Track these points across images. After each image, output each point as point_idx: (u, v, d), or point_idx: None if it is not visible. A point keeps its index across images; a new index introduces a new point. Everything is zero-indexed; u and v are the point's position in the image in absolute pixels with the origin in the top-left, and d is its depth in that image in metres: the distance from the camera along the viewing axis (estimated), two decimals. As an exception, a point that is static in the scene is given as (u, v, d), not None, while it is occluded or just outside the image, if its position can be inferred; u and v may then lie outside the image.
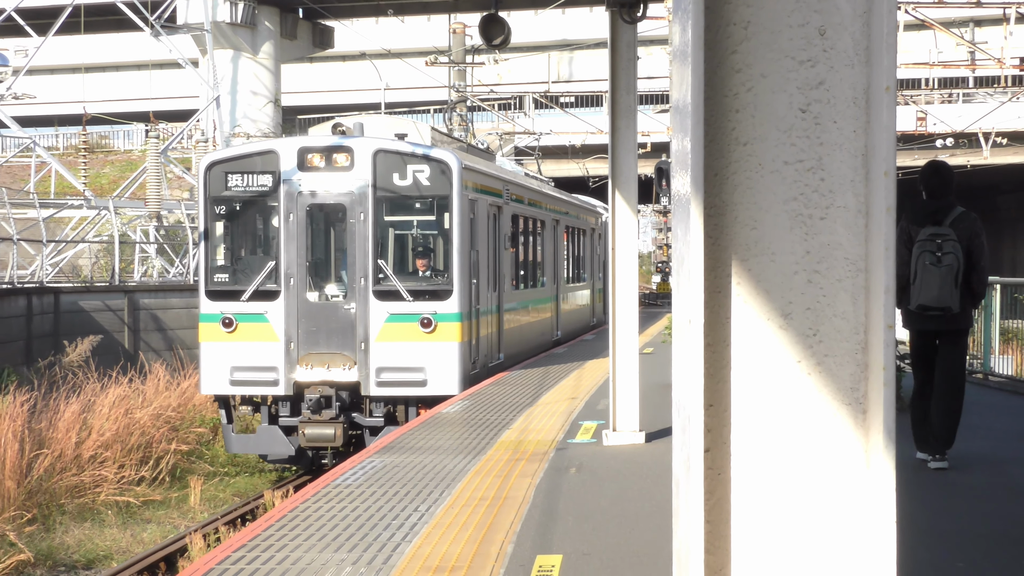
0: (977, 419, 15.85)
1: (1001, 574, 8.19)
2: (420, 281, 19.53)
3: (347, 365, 19.02)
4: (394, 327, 18.97)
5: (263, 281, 19.20)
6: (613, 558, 8.81)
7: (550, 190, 33.86)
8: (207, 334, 19.57)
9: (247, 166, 19.54)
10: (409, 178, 19.24)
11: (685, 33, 2.90)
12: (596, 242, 39.41)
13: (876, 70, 2.89)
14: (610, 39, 13.95)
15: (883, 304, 2.88)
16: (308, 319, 19.14)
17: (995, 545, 9.01)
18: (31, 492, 18.19)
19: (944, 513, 9.96)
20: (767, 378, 2.90)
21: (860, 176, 2.90)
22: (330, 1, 48.30)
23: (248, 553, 9.21)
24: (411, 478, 12.20)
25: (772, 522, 2.90)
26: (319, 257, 20.01)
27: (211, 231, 19.88)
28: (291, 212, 19.20)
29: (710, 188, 2.88)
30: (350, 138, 19.77)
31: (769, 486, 2.90)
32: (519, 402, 18.22)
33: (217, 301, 19.42)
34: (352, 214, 19.24)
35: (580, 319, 35.90)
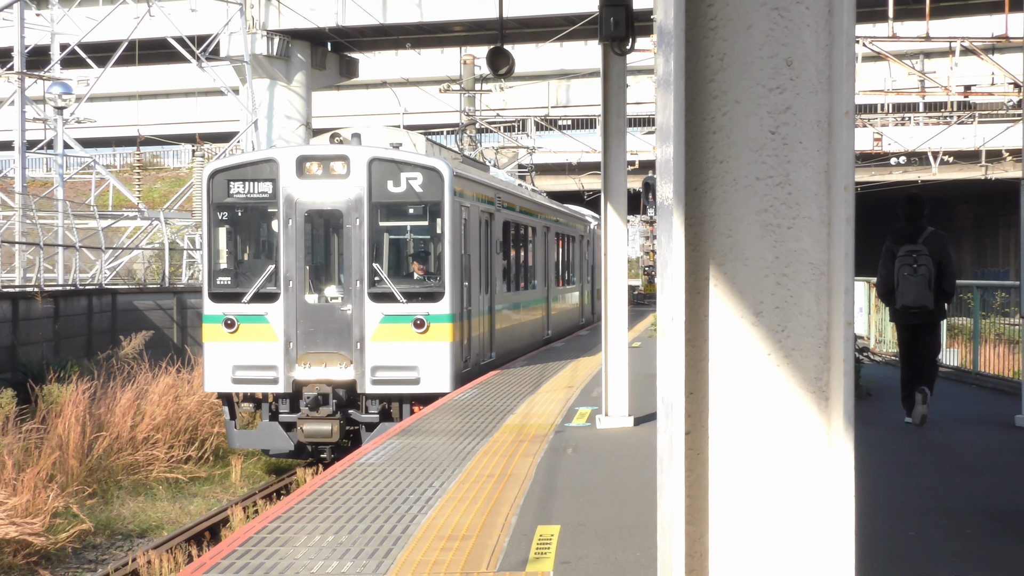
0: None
1: (945, 541, 8.18)
2: (413, 283, 18.58)
3: (344, 364, 18.03)
4: (388, 328, 18.04)
5: (263, 284, 18.27)
6: (605, 528, 8.81)
7: (541, 199, 32.80)
8: (210, 334, 18.56)
9: (248, 174, 18.58)
10: (403, 185, 18.30)
11: (668, 64, 2.90)
12: (585, 248, 38.43)
13: (837, 96, 2.89)
14: (602, 69, 13.95)
15: (843, 304, 2.88)
16: (306, 320, 18.20)
17: (940, 516, 9.01)
18: (92, 470, 18.21)
19: (896, 488, 9.96)
20: (741, 369, 2.90)
21: (823, 190, 2.90)
22: (355, 36, 48.28)
23: (283, 523, 9.21)
24: (426, 457, 12.20)
25: (745, 497, 2.89)
26: (317, 261, 19.06)
27: (214, 236, 18.86)
28: (290, 218, 18.22)
29: (690, 201, 2.88)
30: (346, 147, 18.81)
31: (743, 465, 2.89)
32: (521, 391, 18.23)
33: (220, 303, 18.45)
34: (348, 220, 18.23)
35: (570, 319, 34.92)
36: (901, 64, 38.46)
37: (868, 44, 34.99)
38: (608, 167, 13.98)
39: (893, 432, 13.25)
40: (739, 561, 2.90)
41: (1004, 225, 66.91)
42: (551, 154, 58.57)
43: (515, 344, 25.11)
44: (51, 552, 14.90)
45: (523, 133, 59.05)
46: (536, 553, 8.06)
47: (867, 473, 3.01)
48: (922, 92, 42.40)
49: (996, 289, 20.43)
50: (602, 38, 13.64)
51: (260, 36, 44.56)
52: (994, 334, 18.70)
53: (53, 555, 14.92)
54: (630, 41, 13.54)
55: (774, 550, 2.89)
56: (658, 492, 2.99)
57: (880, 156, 51.92)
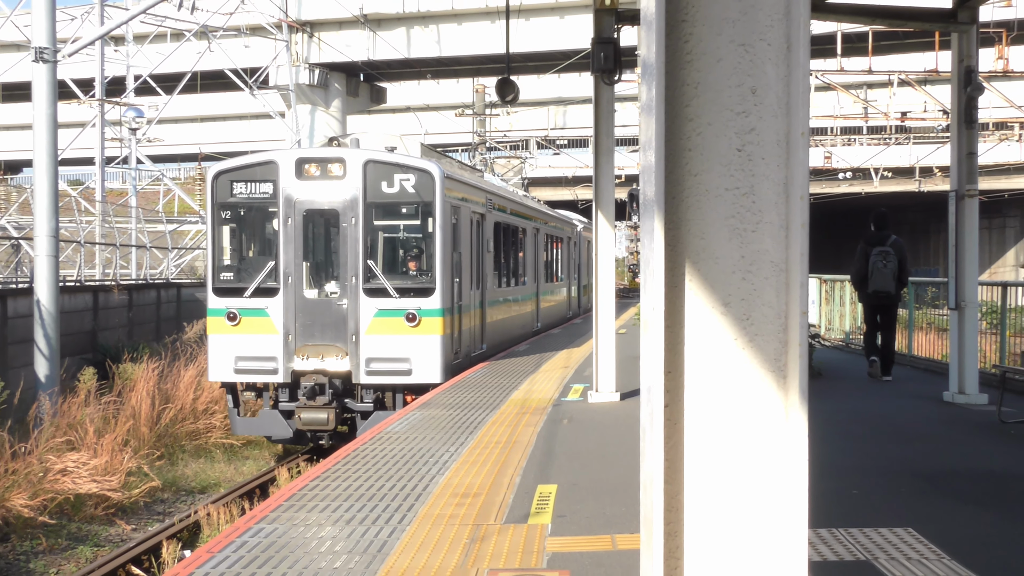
0: (867, 382, 15.84)
1: (883, 497, 8.19)
2: (406, 279, 16.97)
3: (340, 356, 16.62)
4: (382, 321, 16.63)
5: (264, 279, 16.80)
6: (595, 487, 8.81)
7: (531, 203, 30.98)
8: (214, 327, 17.08)
9: (250, 175, 17.10)
10: (396, 186, 16.81)
11: (651, 91, 2.89)
12: (572, 248, 36.67)
13: (794, 120, 2.89)
14: (594, 97, 13.95)
15: (799, 296, 2.88)
16: (304, 314, 16.77)
17: (880, 477, 9.01)
18: (160, 436, 18.24)
19: (844, 453, 9.96)
20: (712, 351, 2.90)
21: (782, 200, 2.89)
22: (384, 68, 48.28)
23: (321, 482, 9.22)
24: (443, 426, 12.21)
25: (714, 460, 2.89)
26: (315, 258, 17.36)
27: (218, 234, 17.36)
28: (289, 217, 16.80)
29: (669, 208, 2.88)
30: (342, 150, 17.38)
31: (713, 433, 2.89)
32: (524, 371, 18.23)
33: (223, 297, 16.99)
34: (344, 218, 16.77)
35: (558, 312, 33.32)
36: (848, 93, 38.45)
37: (820, 76, 34.97)
38: (599, 180, 13.98)
39: (841, 406, 13.26)
40: (710, 514, 2.90)
41: (935, 231, 66.90)
42: (550, 169, 58.61)
43: (506, 335, 23.77)
44: (126, 505, 14.93)
45: (526, 151, 59.02)
46: (537, 508, 8.07)
47: (818, 440, 3.01)
48: (865, 117, 42.36)
49: (928, 285, 20.52)
50: (594, 70, 13.64)
51: (303, 68, 44.61)
52: (926, 323, 18.74)
53: (128, 508, 14.95)
54: (618, 73, 13.55)
55: (739, 505, 2.89)
56: (641, 456, 2.99)
57: (830, 171, 51.91)
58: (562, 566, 6.48)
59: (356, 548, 7.01)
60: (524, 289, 26.61)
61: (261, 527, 7.65)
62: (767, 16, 2.88)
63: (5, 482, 13.68)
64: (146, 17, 33.76)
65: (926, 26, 18.74)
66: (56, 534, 13.49)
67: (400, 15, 47.04)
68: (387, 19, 47.08)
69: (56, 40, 18.98)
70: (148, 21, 36.32)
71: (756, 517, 2.89)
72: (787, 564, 2.88)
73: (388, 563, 6.65)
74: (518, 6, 42.52)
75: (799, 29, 2.87)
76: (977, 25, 13.62)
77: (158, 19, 36.24)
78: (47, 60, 18.59)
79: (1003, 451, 10.40)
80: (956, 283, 13.45)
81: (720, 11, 2.87)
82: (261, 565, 6.66)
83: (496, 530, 7.42)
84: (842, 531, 7.05)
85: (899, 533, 7.02)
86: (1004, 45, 34.04)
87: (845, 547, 6.70)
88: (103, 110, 35.49)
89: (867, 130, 53.61)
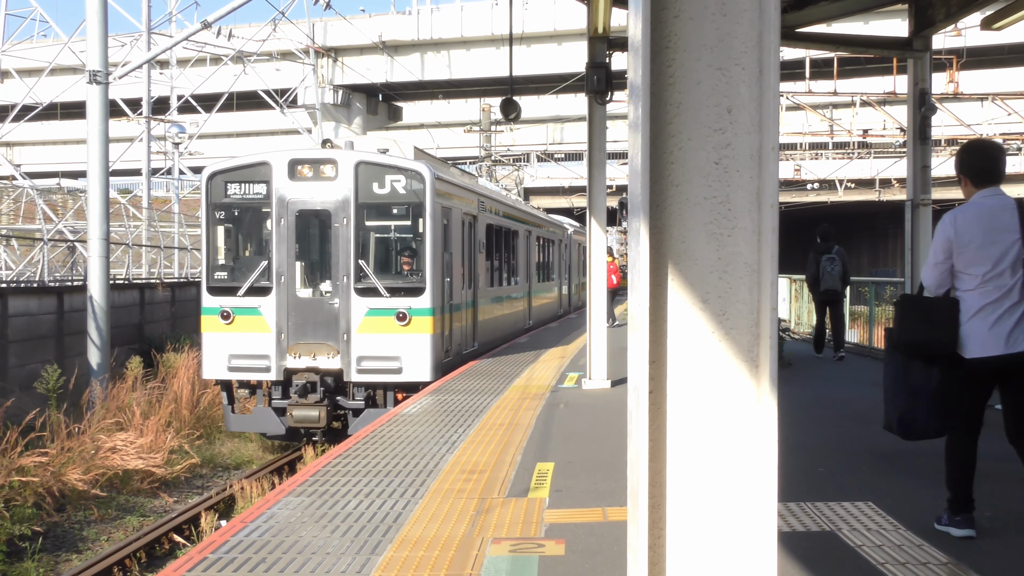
0: (831, 370, 15.83)
1: (846, 474, 8.18)
2: (396, 279, 15.64)
3: (331, 354, 15.33)
4: (373, 320, 15.35)
5: (257, 278, 15.53)
6: (588, 464, 8.81)
7: (524, 207, 29.43)
8: (208, 325, 15.74)
9: (244, 176, 15.77)
10: (387, 187, 15.52)
11: (637, 111, 2.89)
12: (563, 250, 35.10)
13: (766, 136, 2.88)
14: (588, 115, 13.94)
15: (770, 294, 2.87)
16: (297, 313, 15.47)
17: (843, 456, 9.00)
18: (199, 418, 18.26)
19: (810, 434, 9.95)
20: (691, 343, 2.89)
21: (755, 207, 2.89)
22: (400, 90, 48.30)
23: (343, 459, 9.23)
24: (452, 410, 12.20)
25: (693, 441, 2.89)
26: (307, 257, 15.94)
27: (212, 234, 16.09)
28: (282, 217, 15.53)
29: (654, 215, 2.87)
30: (334, 151, 15.93)
31: (692, 416, 2.89)
32: (524, 361, 18.23)
33: (217, 296, 15.68)
34: (336, 219, 15.48)
35: (550, 310, 31.73)
36: (815, 112, 38.47)
37: (790, 97, 34.98)
38: (592, 189, 13.98)
39: (808, 392, 13.25)
40: (689, 489, 2.89)
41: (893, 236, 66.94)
42: (548, 179, 58.65)
43: (499, 333, 22.30)
44: (168, 480, 14.95)
45: (527, 163, 59.04)
46: (536, 483, 8.07)
47: (787, 423, 3.01)
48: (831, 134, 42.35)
49: (887, 284, 20.61)
50: (588, 91, 13.64)
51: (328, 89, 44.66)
52: (885, 318, 18.70)
53: (170, 482, 14.97)
54: (609, 94, 13.55)
55: (716, 480, 2.89)
56: (628, 437, 2.99)
57: (799, 182, 51.93)
58: (559, 535, 6.48)
59: (374, 518, 7.01)
60: (516, 288, 25.33)
61: (289, 500, 7.66)
62: (741, 43, 2.87)
63: (61, 459, 13.70)
64: (188, 43, 33.75)
65: (885, 53, 18.73)
66: (107, 505, 13.50)
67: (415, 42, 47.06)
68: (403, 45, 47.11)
69: (108, 64, 18.99)
70: (190, 47, 36.31)
71: (731, 491, 2.89)
72: (758, 533, 2.88)
73: (403, 532, 6.65)
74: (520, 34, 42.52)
75: (770, 55, 2.87)
76: (930, 52, 13.62)
77: (199, 45, 36.24)
78: (100, 82, 18.60)
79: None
80: (911, 282, 13.46)
81: (699, 39, 2.87)
82: (289, 534, 6.67)
83: (499, 503, 7.42)
84: (808, 504, 7.05)
85: (860, 506, 7.01)
86: (955, 70, 34.04)
87: (811, 518, 6.70)
88: (149, 126, 35.50)
89: (832, 145, 53.56)
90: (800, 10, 13.23)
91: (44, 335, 20.56)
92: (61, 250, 27.98)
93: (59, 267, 27.15)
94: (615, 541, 6.26)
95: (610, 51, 13.57)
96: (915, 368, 5.95)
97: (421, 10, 47.40)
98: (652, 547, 2.89)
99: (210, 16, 22.61)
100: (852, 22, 38.14)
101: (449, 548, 6.25)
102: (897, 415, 6.02)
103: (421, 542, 6.39)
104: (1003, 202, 5.90)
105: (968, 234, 5.85)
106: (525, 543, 6.32)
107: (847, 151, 53.72)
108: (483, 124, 47.18)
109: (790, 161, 50.81)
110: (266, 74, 41.86)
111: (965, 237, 5.86)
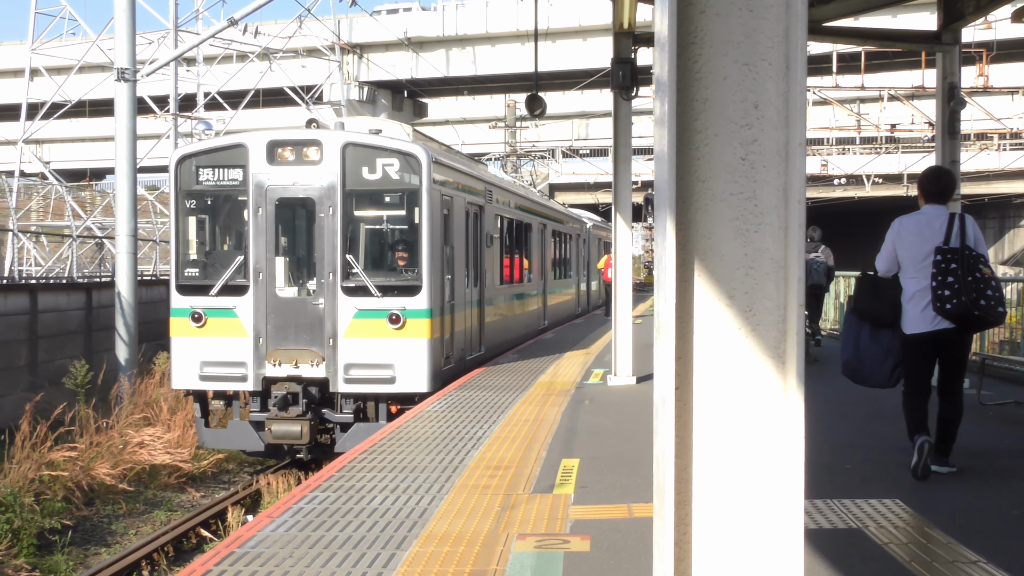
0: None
1: (871, 471, 8.14)
2: (389, 276, 13.86)
3: (315, 361, 13.52)
4: (362, 323, 13.53)
5: (232, 276, 13.77)
6: (613, 461, 8.81)
7: (537, 197, 27.00)
8: (177, 329, 13.95)
9: (217, 160, 13.97)
10: (379, 172, 13.69)
11: (663, 107, 2.89)
12: (581, 246, 32.91)
13: (792, 131, 2.87)
14: (614, 111, 13.92)
15: (796, 290, 2.87)
16: (277, 314, 13.67)
17: (868, 452, 8.96)
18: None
19: (836, 431, 9.91)
20: (718, 339, 2.89)
21: (781, 203, 2.88)
22: (425, 86, 48.41)
23: (368, 455, 9.26)
24: (478, 406, 12.22)
25: (720, 437, 2.89)
26: (288, 252, 14.17)
27: (182, 225, 14.24)
28: (260, 206, 13.74)
29: (680, 211, 2.87)
30: (319, 132, 14.13)
31: (719, 412, 2.89)
32: (549, 358, 18.23)
33: (187, 296, 13.91)
34: (321, 208, 13.66)
35: (566, 309, 29.62)
36: (842, 107, 38.23)
37: (817, 92, 34.77)
38: (618, 185, 13.96)
39: (833, 388, 13.17)
40: (716, 485, 2.89)
41: (921, 231, 66.33)
42: (573, 175, 58.54)
43: (509, 335, 20.40)
44: (195, 475, 15.05)
45: (552, 159, 59.01)
46: (561, 479, 8.07)
47: (813, 419, 3.00)
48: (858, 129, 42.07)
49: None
50: (613, 87, 13.62)
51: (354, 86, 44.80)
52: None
53: (197, 477, 15.07)
54: (635, 89, 13.52)
55: (742, 477, 2.88)
56: (654, 433, 2.98)
57: (826, 178, 51.61)
58: (584, 532, 6.48)
59: (400, 514, 7.04)
60: (529, 286, 23.28)
61: (315, 495, 7.69)
62: (768, 39, 2.86)
63: (90, 453, 13.82)
64: (215, 41, 33.93)
65: (913, 47, 18.58)
66: (134, 500, 13.61)
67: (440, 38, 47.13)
68: (428, 41, 47.18)
69: (136, 62, 19.12)
70: (216, 44, 36.51)
71: (758, 488, 2.88)
72: (785, 530, 2.88)
73: (428, 528, 6.67)
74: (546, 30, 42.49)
75: (797, 50, 2.86)
76: (959, 46, 13.50)
77: (225, 42, 36.42)
78: (128, 79, 18.73)
79: (982, 430, 10.31)
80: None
81: (726, 34, 2.86)
82: (315, 529, 6.70)
83: (525, 499, 7.43)
84: (835, 501, 7.02)
85: (887, 503, 6.98)
86: (984, 64, 33.75)
87: (837, 516, 6.67)
88: (177, 123, 35.70)
89: (860, 140, 53.21)
90: (827, 4, 13.15)
91: (73, 331, 20.75)
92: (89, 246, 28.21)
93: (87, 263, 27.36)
94: (640, 537, 6.26)
95: (636, 46, 13.55)
96: (864, 330, 7.88)
97: (446, 6, 47.48)
98: (678, 543, 2.89)
99: (236, 13, 22.72)
100: (879, 16, 37.94)
101: (474, 544, 6.26)
102: (844, 362, 8.06)
103: (447, 538, 6.41)
104: (940, 213, 7.63)
105: (907, 234, 7.63)
106: (550, 539, 6.32)
107: (874, 146, 53.37)
108: (508, 120, 47.19)
109: (817, 156, 50.52)
110: (292, 71, 42.02)
111: (905, 236, 7.63)
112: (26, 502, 11.85)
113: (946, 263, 7.39)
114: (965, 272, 7.38)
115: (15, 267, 23.53)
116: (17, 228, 24.50)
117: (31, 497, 12.13)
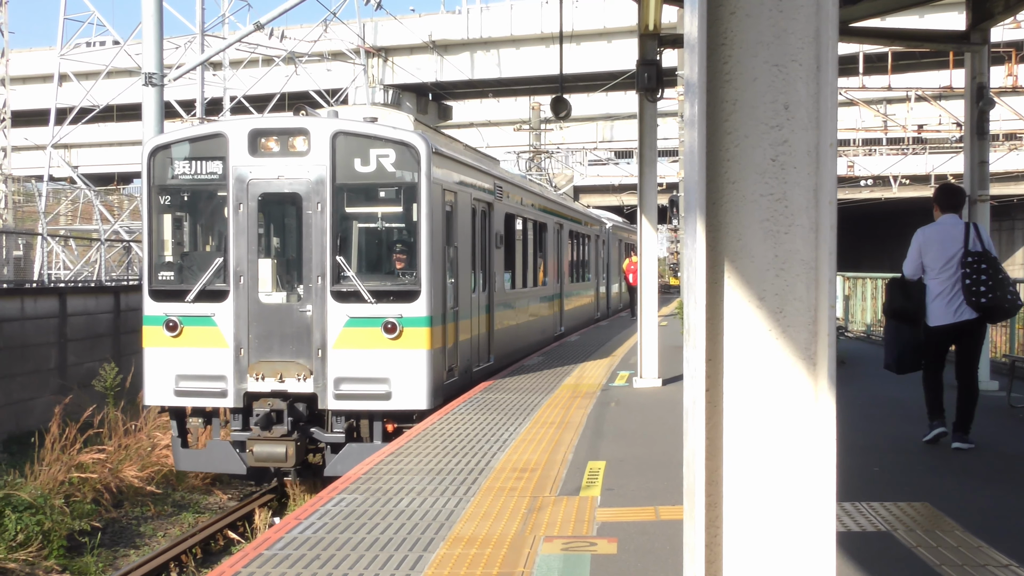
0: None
1: (900, 473, 8.09)
2: (384, 280, 12.52)
3: (302, 375, 12.15)
4: (354, 332, 12.13)
5: (210, 280, 12.38)
6: (640, 463, 8.79)
7: (553, 195, 25.26)
8: (150, 339, 12.57)
9: (194, 151, 12.58)
10: (372, 164, 12.27)
11: (693, 108, 2.88)
12: (600, 247, 31.07)
13: (823, 132, 2.86)
14: (639, 113, 13.91)
15: (827, 292, 2.86)
16: (260, 322, 12.29)
17: (897, 455, 8.91)
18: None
19: (865, 434, 9.86)
20: (748, 341, 2.88)
21: (812, 204, 2.87)
22: (450, 89, 48.51)
23: (395, 457, 9.29)
24: (504, 408, 12.22)
25: (751, 439, 2.88)
26: (272, 253, 12.91)
27: (156, 224, 12.82)
28: (241, 202, 12.36)
29: (710, 212, 2.87)
30: (306, 119, 12.69)
31: (749, 414, 2.88)
32: (574, 360, 18.22)
33: (161, 302, 12.52)
34: (309, 204, 12.27)
35: (585, 314, 28.02)
36: (869, 108, 38.02)
37: (844, 93, 34.59)
38: (643, 187, 13.94)
39: (863, 391, 13.12)
40: (747, 487, 2.88)
41: (949, 232, 65.91)
42: (598, 177, 58.53)
43: (522, 343, 18.88)
44: (222, 477, 15.12)
45: (577, 162, 58.98)
46: (587, 482, 8.07)
47: (842, 422, 2.99)
48: (885, 130, 41.80)
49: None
50: (638, 89, 13.61)
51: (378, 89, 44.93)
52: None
53: (224, 480, 15.14)
54: (660, 91, 13.50)
55: (773, 479, 2.87)
56: (684, 435, 2.98)
57: (853, 179, 51.32)
58: (611, 534, 6.48)
59: (426, 516, 7.05)
60: (544, 290, 21.65)
61: (342, 497, 7.72)
62: (798, 39, 2.85)
63: (119, 456, 13.93)
64: (241, 45, 34.11)
65: (941, 47, 18.46)
66: (162, 502, 13.70)
67: (464, 41, 47.23)
68: (453, 44, 47.29)
69: (163, 66, 19.26)
70: (242, 49, 36.70)
71: (789, 490, 2.87)
72: (817, 533, 2.86)
73: (455, 530, 6.68)
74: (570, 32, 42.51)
75: (828, 51, 2.85)
76: (988, 45, 13.41)
77: (251, 47, 36.62)
78: (155, 84, 18.88)
79: (1012, 433, 10.23)
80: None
81: (756, 35, 2.85)
82: (343, 531, 6.72)
83: (551, 501, 7.43)
84: (864, 504, 6.98)
85: (916, 507, 6.94)
86: (1013, 63, 33.48)
87: (867, 519, 6.63)
88: (203, 127, 35.92)
89: (887, 141, 52.88)
90: (854, 5, 13.09)
91: (101, 333, 20.91)
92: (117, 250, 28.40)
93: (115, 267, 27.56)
94: (668, 540, 6.25)
95: (661, 48, 13.53)
96: (903, 329, 9.04)
97: (471, 9, 47.56)
98: (709, 546, 2.88)
99: (262, 18, 22.85)
100: (907, 16, 37.71)
101: (501, 546, 6.27)
102: (892, 359, 9.12)
103: (473, 540, 6.42)
104: (956, 222, 8.92)
105: (930, 242, 8.87)
106: (577, 542, 6.32)
107: (901, 147, 53.04)
108: (533, 123, 47.23)
109: (843, 157, 50.23)
110: (317, 75, 42.18)
111: (929, 244, 8.87)
112: (56, 504, 11.96)
113: (976, 264, 8.64)
114: (994, 271, 8.68)
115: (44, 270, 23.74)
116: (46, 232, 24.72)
117: (61, 499, 12.24)
